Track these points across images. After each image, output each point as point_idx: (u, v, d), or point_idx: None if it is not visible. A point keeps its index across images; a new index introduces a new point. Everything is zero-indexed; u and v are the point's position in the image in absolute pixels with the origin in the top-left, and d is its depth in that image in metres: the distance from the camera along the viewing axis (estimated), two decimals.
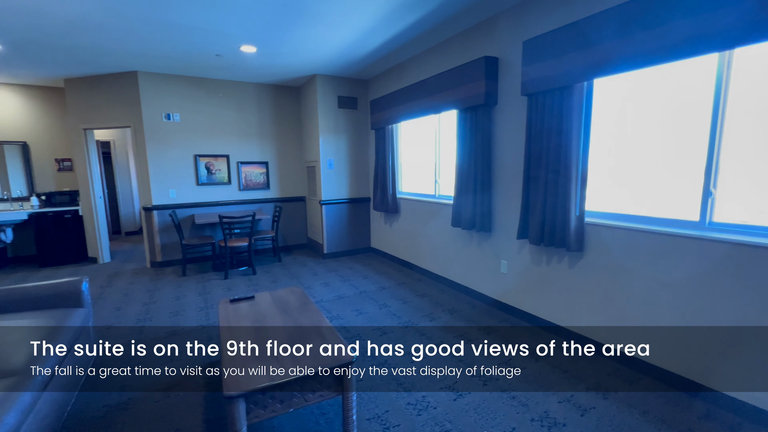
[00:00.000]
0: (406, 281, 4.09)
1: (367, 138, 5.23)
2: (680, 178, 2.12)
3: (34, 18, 2.92)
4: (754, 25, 1.62)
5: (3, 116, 5.04)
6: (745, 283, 1.79)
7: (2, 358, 1.66)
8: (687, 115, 2.06)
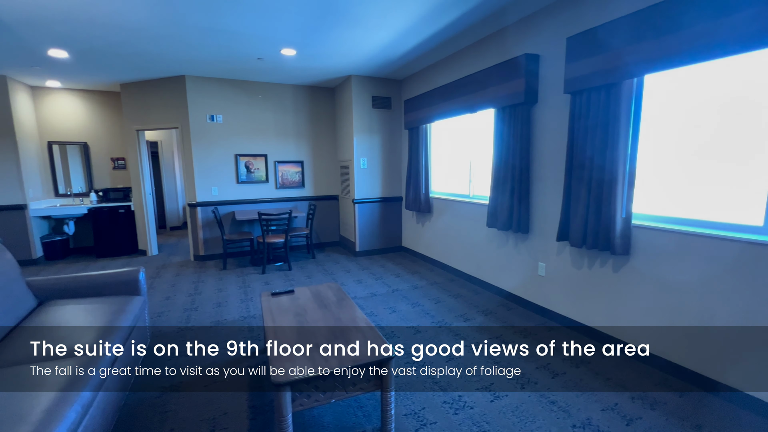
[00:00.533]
0: (438, 281, 4.09)
1: (400, 138, 5.26)
2: (740, 180, 1.99)
3: (100, 29, 3.17)
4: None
5: (66, 119, 5.51)
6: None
7: (76, 337, 1.83)
8: (750, 114, 1.92)
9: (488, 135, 3.63)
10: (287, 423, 1.55)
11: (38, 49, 3.68)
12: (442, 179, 4.64)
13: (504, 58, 3.21)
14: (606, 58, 2.29)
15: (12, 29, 3.15)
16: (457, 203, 4.19)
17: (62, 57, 3.91)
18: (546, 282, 3.06)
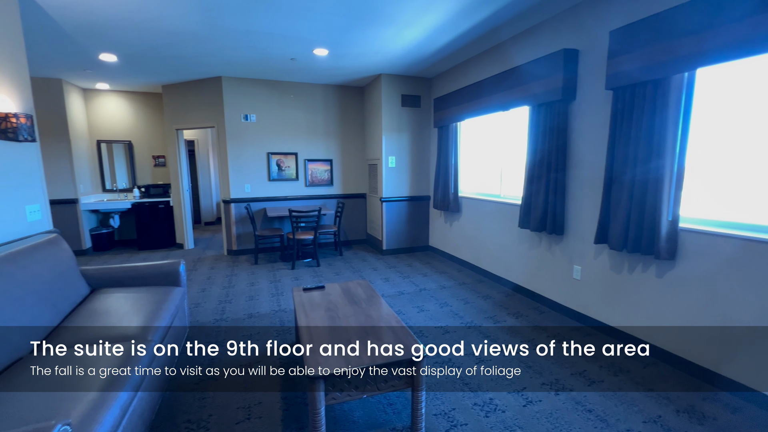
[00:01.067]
0: (466, 281, 4.03)
1: (429, 136, 5.22)
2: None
3: (146, 33, 3.35)
4: None
5: (113, 119, 5.87)
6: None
7: (125, 323, 1.95)
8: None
9: (521, 133, 3.54)
10: (320, 415, 1.58)
11: (91, 54, 3.94)
12: (472, 178, 4.56)
13: (540, 53, 3.11)
14: (654, 51, 2.17)
15: (69, 36, 3.38)
16: (486, 203, 4.11)
17: (111, 61, 4.17)
18: (582, 286, 2.94)
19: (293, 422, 1.84)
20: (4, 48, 2.25)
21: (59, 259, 2.25)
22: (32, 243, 2.16)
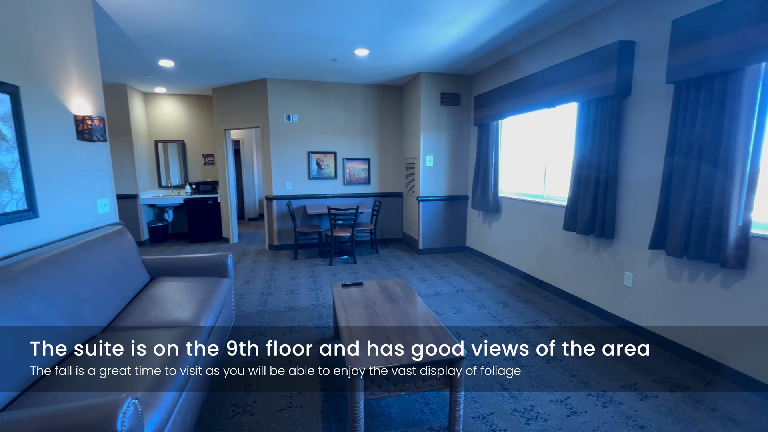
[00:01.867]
0: (505, 284, 3.92)
1: (468, 135, 5.12)
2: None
3: (199, 39, 3.57)
4: None
5: (168, 120, 6.32)
6: None
7: (181, 309, 2.10)
8: None
9: (567, 131, 3.37)
10: (359, 409, 1.61)
11: (151, 60, 4.27)
12: (513, 178, 4.42)
13: (592, 47, 2.94)
14: (725, 40, 1.98)
15: (134, 44, 3.69)
16: (528, 204, 3.97)
17: (169, 66, 4.49)
18: (633, 293, 2.76)
19: (332, 413, 1.89)
20: (82, 58, 2.50)
21: (125, 249, 2.47)
22: (103, 233, 2.39)
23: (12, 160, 1.83)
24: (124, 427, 1.02)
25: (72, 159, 2.34)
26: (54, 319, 1.62)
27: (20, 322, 1.44)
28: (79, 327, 1.74)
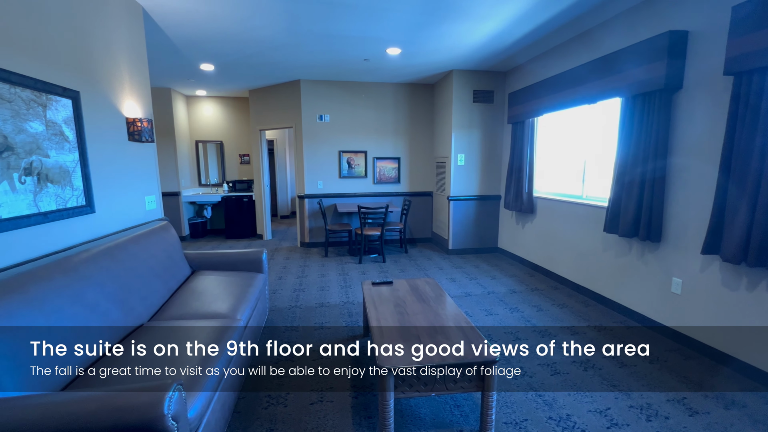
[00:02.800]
0: (540, 287, 3.78)
1: (501, 133, 4.99)
2: None
3: (238, 44, 3.72)
4: None
5: (208, 121, 6.62)
6: None
7: (219, 302, 2.20)
8: None
9: (609, 129, 3.20)
10: (389, 407, 1.62)
11: (193, 65, 4.49)
12: (548, 178, 4.26)
13: (639, 38, 2.77)
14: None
15: (178, 49, 3.89)
16: (565, 204, 3.81)
17: (209, 70, 4.70)
18: (682, 301, 2.58)
19: (362, 410, 1.91)
20: (133, 64, 2.67)
21: (169, 243, 2.62)
22: (150, 228, 2.54)
23: (73, 159, 1.99)
24: (170, 411, 1.09)
25: (123, 159, 2.51)
26: (108, 306, 1.74)
27: (79, 309, 1.56)
28: (129, 315, 1.86)
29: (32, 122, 1.72)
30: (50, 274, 1.54)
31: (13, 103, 1.62)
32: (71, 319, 1.50)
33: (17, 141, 1.63)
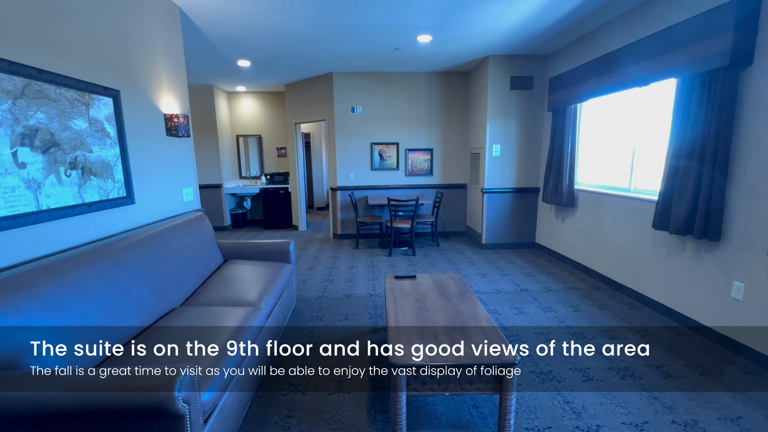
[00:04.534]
0: (579, 286, 3.54)
1: (540, 121, 4.69)
2: None
3: (271, 38, 3.79)
4: None
5: (247, 116, 6.89)
6: None
7: (246, 290, 2.28)
8: None
9: (661, 114, 2.88)
10: (401, 404, 1.59)
11: (231, 62, 4.66)
12: (591, 169, 3.94)
13: (697, 11, 2.44)
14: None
15: (217, 48, 4.06)
16: (609, 197, 3.51)
17: (246, 66, 4.86)
18: (744, 308, 2.28)
19: (379, 404, 1.90)
20: (171, 62, 2.82)
21: (203, 233, 2.76)
22: (186, 219, 2.69)
23: (114, 154, 2.15)
24: (181, 394, 1.14)
25: (162, 153, 2.67)
26: (142, 291, 1.87)
27: (115, 293, 1.69)
28: (162, 299, 1.99)
29: (76, 120, 1.87)
30: (90, 260, 1.67)
31: (59, 102, 1.76)
32: (108, 303, 1.63)
33: (63, 137, 1.78)
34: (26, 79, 1.59)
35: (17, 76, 1.55)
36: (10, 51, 1.52)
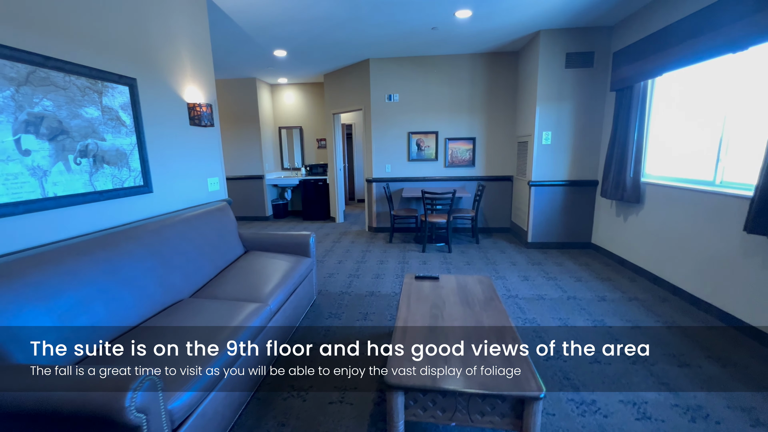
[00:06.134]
0: (641, 297, 3.00)
1: (601, 104, 4.07)
2: None
3: (303, 24, 3.67)
4: None
5: (289, 108, 6.95)
6: None
7: (257, 286, 2.19)
8: None
9: (760, 89, 2.26)
10: (398, 430, 1.36)
11: (267, 52, 4.65)
12: (662, 158, 3.31)
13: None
14: None
15: (251, 38, 4.05)
16: (686, 192, 2.90)
17: (283, 56, 4.83)
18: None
19: (380, 420, 1.69)
20: (196, 50, 2.80)
21: (223, 224, 2.73)
22: (207, 209, 2.68)
23: (130, 142, 2.15)
24: (134, 402, 1.02)
25: (184, 142, 2.67)
26: (145, 281, 1.83)
27: (112, 282, 1.65)
28: (168, 290, 1.95)
29: (87, 108, 1.86)
30: (90, 248, 1.66)
31: (67, 90, 1.76)
32: (104, 293, 1.60)
33: (72, 125, 1.78)
34: (30, 66, 1.59)
35: (21, 63, 1.55)
36: (13, 37, 1.52)
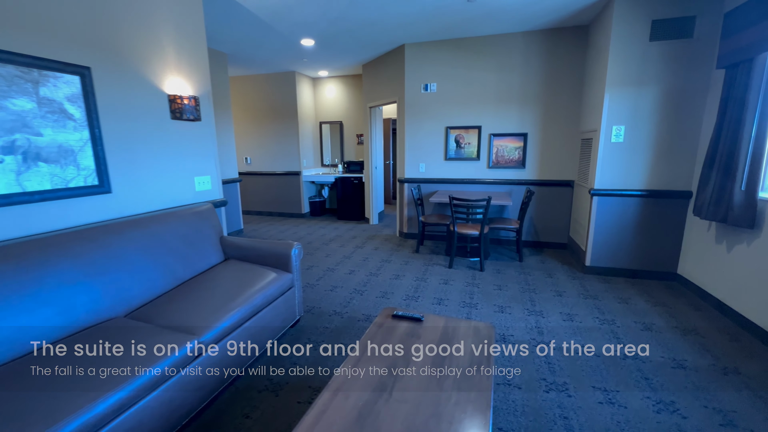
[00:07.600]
0: (746, 368, 2.03)
1: (701, 87, 2.99)
2: None
3: (322, 6, 3.27)
4: None
5: (330, 102, 6.68)
6: None
7: (201, 310, 1.85)
8: None
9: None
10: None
11: (294, 42, 4.36)
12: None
13: None
14: None
15: (270, 26, 3.77)
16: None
17: (310, 45, 4.51)
18: None
19: None
20: (184, 38, 2.56)
21: (196, 229, 2.44)
22: (179, 212, 2.42)
23: (80, 138, 1.94)
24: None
25: (162, 137, 2.44)
26: (73, 299, 1.59)
27: (27, 300, 1.42)
28: (86, 312, 1.70)
29: (15, 99, 1.67)
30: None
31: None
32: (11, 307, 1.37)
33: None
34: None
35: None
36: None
